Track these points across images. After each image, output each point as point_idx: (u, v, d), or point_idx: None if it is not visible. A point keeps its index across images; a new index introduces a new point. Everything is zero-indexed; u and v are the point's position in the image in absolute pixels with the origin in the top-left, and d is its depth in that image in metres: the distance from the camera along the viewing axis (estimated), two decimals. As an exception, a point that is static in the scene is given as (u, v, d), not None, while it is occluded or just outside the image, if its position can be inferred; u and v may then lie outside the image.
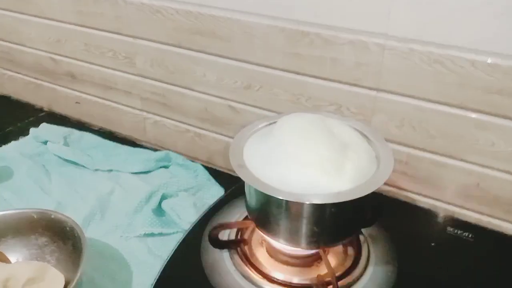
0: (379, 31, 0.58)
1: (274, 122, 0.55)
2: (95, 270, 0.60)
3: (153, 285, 0.52)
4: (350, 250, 0.57)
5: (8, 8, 0.95)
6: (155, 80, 0.84)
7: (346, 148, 0.49)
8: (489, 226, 0.63)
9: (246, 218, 0.59)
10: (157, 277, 0.53)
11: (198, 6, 0.70)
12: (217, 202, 0.66)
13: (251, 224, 0.55)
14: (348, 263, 0.55)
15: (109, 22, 0.82)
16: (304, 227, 0.48)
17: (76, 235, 0.57)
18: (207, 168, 0.81)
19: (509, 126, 0.56)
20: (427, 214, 0.65)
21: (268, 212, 0.50)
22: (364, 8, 0.58)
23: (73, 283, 0.50)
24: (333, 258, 0.56)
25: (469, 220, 0.64)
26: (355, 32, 0.60)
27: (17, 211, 0.62)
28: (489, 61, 0.53)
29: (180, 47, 0.76)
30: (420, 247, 0.58)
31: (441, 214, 0.65)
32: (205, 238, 0.56)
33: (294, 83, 0.68)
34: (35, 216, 0.61)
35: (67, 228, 0.59)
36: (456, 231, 0.60)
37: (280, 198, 0.45)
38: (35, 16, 0.92)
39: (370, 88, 0.63)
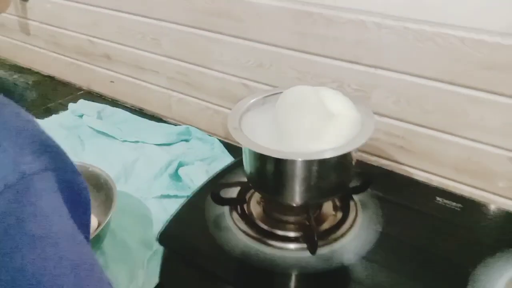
0: (376, 10, 0.62)
1: (273, 94, 0.60)
2: (116, 224, 0.69)
3: (158, 234, 0.59)
4: (340, 213, 0.62)
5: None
6: (179, 60, 0.91)
7: (332, 117, 0.54)
8: (481, 200, 0.66)
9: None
10: (162, 229, 0.60)
11: (215, -10, 0.77)
12: (224, 168, 0.72)
13: (248, 184, 0.61)
14: (335, 222, 0.59)
15: (138, 5, 0.90)
16: (289, 184, 0.54)
17: (108, 186, 0.66)
18: (223, 142, 0.88)
19: (497, 100, 0.59)
20: (421, 186, 0.69)
21: (258, 170, 0.56)
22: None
23: (104, 223, 0.59)
24: (324, 218, 0.61)
25: (462, 193, 0.67)
26: (355, 12, 0.64)
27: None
28: (476, 37, 0.56)
29: (199, 28, 0.83)
30: (406, 214, 0.62)
31: (434, 186, 0.68)
32: (210, 197, 0.63)
33: (301, 61, 0.73)
34: (78, 168, 0.71)
35: (102, 180, 0.69)
36: (444, 201, 0.63)
37: (267, 155, 0.51)
38: (75, 1, 1.02)
39: (369, 66, 0.67)
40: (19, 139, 0.28)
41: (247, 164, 0.58)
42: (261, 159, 0.55)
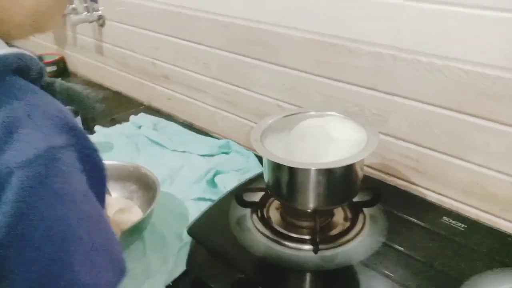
0: (392, 44, 0.70)
1: (290, 115, 0.70)
2: (157, 218, 0.80)
3: (188, 227, 0.70)
4: (349, 223, 0.68)
5: (122, 21, 1.23)
6: (224, 82, 1.04)
7: (332, 141, 0.62)
8: (488, 223, 0.69)
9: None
10: (192, 223, 0.70)
11: (256, 22, 0.88)
12: (252, 177, 0.81)
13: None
14: (343, 229, 0.66)
15: (193, 33, 1.04)
16: (300, 191, 0.62)
17: (154, 186, 0.78)
18: (258, 156, 0.97)
19: (500, 129, 0.63)
20: (431, 206, 0.73)
21: (274, 178, 0.65)
22: (380, 25, 0.70)
23: (145, 215, 0.71)
24: (334, 225, 0.68)
25: (469, 215, 0.71)
26: (373, 45, 0.72)
27: (120, 163, 0.86)
28: (479, 70, 0.62)
29: (242, 55, 0.95)
30: (411, 230, 0.67)
31: (443, 207, 0.73)
32: (234, 200, 0.72)
33: (326, 86, 0.82)
34: (131, 169, 0.84)
35: (151, 181, 0.81)
36: (450, 221, 0.68)
37: (282, 163, 0.60)
38: (142, 28, 1.18)
39: (386, 93, 0.74)
40: (52, 121, 0.35)
41: (266, 172, 0.67)
42: (277, 168, 0.64)
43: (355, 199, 0.71)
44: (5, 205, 0.32)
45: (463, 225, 0.67)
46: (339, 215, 0.71)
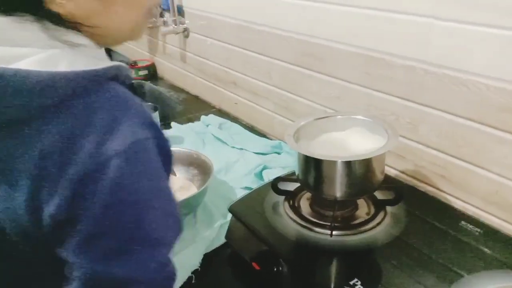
0: (423, 58, 0.77)
1: (322, 118, 0.80)
2: (208, 199, 0.94)
3: (229, 205, 0.82)
4: (370, 216, 0.76)
5: (202, 33, 1.42)
6: (282, 89, 1.16)
7: (343, 150, 0.72)
8: (504, 231, 0.72)
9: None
10: (233, 202, 0.83)
11: (310, 36, 1.00)
12: (291, 172, 0.92)
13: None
14: (362, 221, 0.74)
15: (257, 45, 1.18)
16: (324, 181, 0.72)
17: (211, 172, 0.93)
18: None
19: (517, 141, 0.67)
20: (452, 211, 0.78)
21: (304, 169, 0.75)
22: (412, 41, 0.78)
23: (198, 191, 0.86)
24: (356, 217, 0.76)
25: (490, 223, 0.74)
26: (408, 59, 0.80)
27: (186, 150, 1.02)
28: (498, 85, 0.67)
29: (297, 65, 1.06)
30: (426, 229, 0.73)
31: (464, 213, 0.77)
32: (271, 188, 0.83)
33: (366, 95, 0.90)
34: (194, 156, 1.00)
35: (208, 167, 0.95)
36: (467, 225, 0.72)
37: (309, 156, 0.70)
38: (217, 39, 1.35)
39: (417, 103, 0.81)
40: (138, 119, 0.45)
41: (297, 165, 0.77)
42: (305, 160, 0.74)
43: (380, 197, 0.79)
44: (106, 177, 0.42)
45: (479, 230, 0.71)
46: (362, 209, 0.79)
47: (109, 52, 2.26)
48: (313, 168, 0.74)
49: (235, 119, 1.37)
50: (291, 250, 0.73)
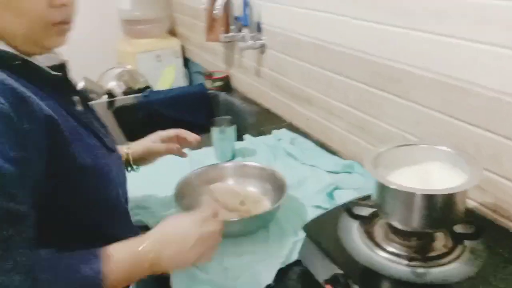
0: (504, 90, 0.76)
1: (403, 145, 0.80)
2: (281, 214, 0.97)
3: (303, 226, 0.85)
4: (447, 250, 0.75)
5: (279, 50, 1.46)
6: (358, 110, 1.17)
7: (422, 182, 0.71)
8: None
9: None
10: (308, 222, 0.85)
11: (391, 60, 1.00)
12: (365, 196, 0.92)
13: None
14: (439, 254, 0.74)
15: (334, 65, 1.20)
16: (402, 212, 0.72)
17: (284, 188, 0.96)
18: (378, 180, 1.08)
19: None
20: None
21: (382, 197, 0.76)
22: (493, 70, 0.77)
23: (273, 207, 0.90)
24: (432, 248, 0.76)
25: None
26: (488, 89, 0.78)
27: (262, 166, 1.08)
28: None
29: (374, 87, 1.07)
30: (507, 268, 0.70)
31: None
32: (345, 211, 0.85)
33: (447, 123, 0.89)
34: (269, 172, 1.04)
35: (282, 184, 0.99)
36: (554, 268, 0.69)
37: (389, 185, 0.71)
38: (294, 57, 1.39)
39: (500, 135, 0.79)
40: None
41: (375, 191, 0.78)
42: (384, 188, 0.75)
43: (458, 230, 0.78)
44: None
45: None
46: (439, 241, 0.78)
47: (187, 63, 2.39)
48: (392, 198, 0.74)
49: (306, 135, 1.40)
50: (365, 277, 0.74)
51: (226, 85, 1.86)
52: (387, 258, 0.75)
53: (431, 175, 0.76)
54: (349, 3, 1.10)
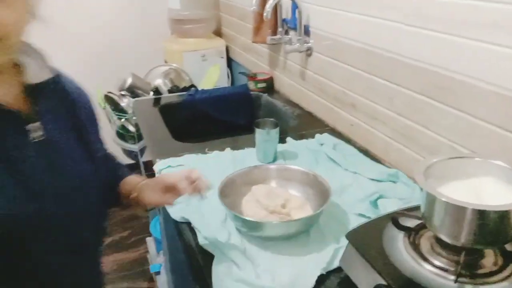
0: None
1: (456, 157, 0.78)
2: (322, 221, 0.97)
3: (347, 234, 0.84)
4: (497, 268, 0.72)
5: (325, 54, 1.45)
6: (404, 117, 1.14)
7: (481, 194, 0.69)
8: None
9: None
10: (350, 231, 0.84)
11: (444, 69, 0.97)
12: (411, 206, 0.90)
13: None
14: (487, 272, 0.71)
15: (382, 71, 1.18)
16: (452, 226, 0.70)
17: (327, 196, 0.96)
18: (424, 191, 1.05)
19: None
20: None
21: (431, 209, 0.74)
22: None
23: (315, 212, 0.90)
24: (481, 265, 0.73)
25: None
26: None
27: (305, 170, 1.07)
28: None
29: (423, 95, 1.04)
30: None
31: None
32: (390, 221, 0.83)
33: (501, 137, 0.86)
34: (311, 176, 1.04)
35: (325, 190, 0.98)
36: None
37: (440, 198, 0.69)
38: (340, 61, 1.37)
39: None
40: None
41: (423, 203, 0.76)
42: (434, 201, 0.73)
43: (510, 249, 0.75)
44: None
45: None
46: (489, 259, 0.75)
47: (230, 63, 2.42)
48: (442, 211, 0.72)
49: (349, 141, 1.38)
50: (409, 289, 0.72)
51: (269, 86, 1.86)
52: (433, 271, 0.73)
53: (484, 190, 0.74)
54: (401, 10, 1.08)
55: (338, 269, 0.85)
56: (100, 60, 2.60)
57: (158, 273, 2.03)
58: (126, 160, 3.01)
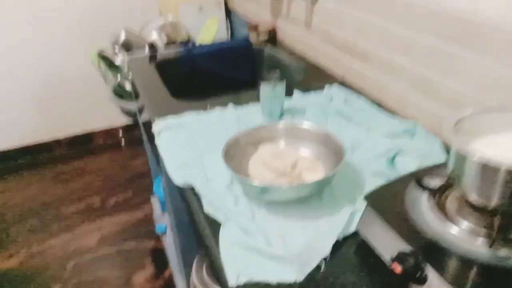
0: None
1: (496, 111, 0.69)
2: (335, 183, 0.90)
3: (365, 195, 0.77)
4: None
5: (333, 0, 1.33)
6: (423, 68, 1.04)
7: None
8: None
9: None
10: (370, 191, 0.77)
11: (469, 14, 0.86)
12: (435, 165, 0.83)
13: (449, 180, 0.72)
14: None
15: (398, 17, 1.07)
16: (485, 187, 0.63)
17: (341, 152, 0.88)
18: (446, 146, 0.97)
19: None
20: None
21: (461, 168, 0.66)
22: None
23: (329, 175, 0.82)
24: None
25: None
26: None
27: (316, 127, 0.98)
28: None
29: (446, 43, 0.94)
30: None
31: None
32: (413, 182, 0.76)
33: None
34: (323, 133, 0.96)
35: (338, 148, 0.90)
36: None
37: (473, 158, 0.61)
38: (350, 8, 1.25)
39: None
40: None
41: (452, 162, 0.68)
42: (465, 160, 0.65)
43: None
44: None
45: None
46: (522, 221, 0.68)
47: (229, 15, 2.27)
48: (474, 171, 0.64)
49: (360, 93, 1.29)
50: (437, 254, 0.66)
51: (272, 37, 1.74)
52: (461, 235, 0.67)
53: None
54: None
55: (354, 234, 0.79)
56: (92, 14, 2.45)
57: (164, 233, 2.01)
58: (125, 121, 2.92)
